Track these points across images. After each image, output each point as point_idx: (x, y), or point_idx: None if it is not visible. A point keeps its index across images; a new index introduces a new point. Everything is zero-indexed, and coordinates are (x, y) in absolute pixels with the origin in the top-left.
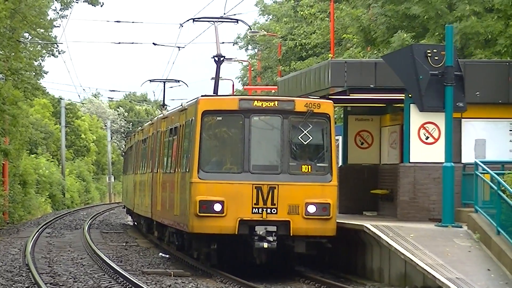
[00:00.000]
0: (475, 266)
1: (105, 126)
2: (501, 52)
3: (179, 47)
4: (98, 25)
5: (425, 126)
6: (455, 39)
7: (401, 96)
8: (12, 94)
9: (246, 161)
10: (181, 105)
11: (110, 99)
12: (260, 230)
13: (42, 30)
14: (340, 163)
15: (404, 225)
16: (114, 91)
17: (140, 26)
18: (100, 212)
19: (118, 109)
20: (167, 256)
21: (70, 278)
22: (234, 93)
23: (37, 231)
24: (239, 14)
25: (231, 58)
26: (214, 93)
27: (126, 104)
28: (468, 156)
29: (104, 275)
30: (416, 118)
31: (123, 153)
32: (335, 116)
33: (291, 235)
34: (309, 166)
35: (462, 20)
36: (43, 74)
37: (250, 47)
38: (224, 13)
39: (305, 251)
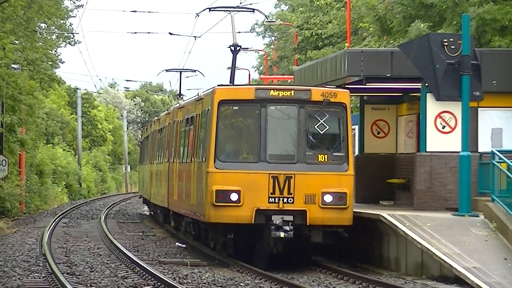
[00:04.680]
0: (491, 255)
1: (121, 116)
2: None
3: (195, 37)
4: (114, 15)
5: (441, 115)
6: (471, 24)
7: (418, 85)
8: (29, 84)
9: (262, 150)
10: (197, 94)
11: (126, 89)
12: (276, 219)
13: (60, 21)
14: (357, 153)
15: (420, 214)
16: (130, 81)
17: (156, 16)
18: (116, 202)
19: (134, 99)
20: (184, 245)
21: (87, 268)
22: (250, 83)
23: (54, 221)
24: (255, 3)
25: (247, 48)
26: (230, 82)
27: (142, 94)
28: (484, 145)
29: (120, 264)
30: (433, 107)
31: (140, 143)
32: (352, 105)
33: (308, 224)
34: (326, 156)
35: (480, 7)
36: (59, 63)
37: (267, 34)
38: (240, 3)
39: (322, 241)
